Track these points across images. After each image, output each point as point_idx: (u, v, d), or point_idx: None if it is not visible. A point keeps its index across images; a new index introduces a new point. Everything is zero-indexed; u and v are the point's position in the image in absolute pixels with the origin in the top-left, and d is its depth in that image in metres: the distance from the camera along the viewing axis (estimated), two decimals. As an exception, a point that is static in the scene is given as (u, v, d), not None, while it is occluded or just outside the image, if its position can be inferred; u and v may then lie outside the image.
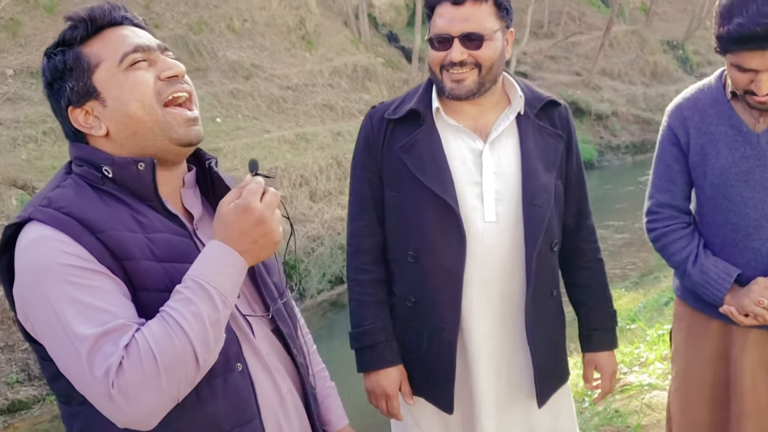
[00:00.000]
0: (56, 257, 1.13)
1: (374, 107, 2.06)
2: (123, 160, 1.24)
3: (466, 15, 1.80)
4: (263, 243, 1.23)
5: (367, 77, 15.58)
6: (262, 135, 11.72)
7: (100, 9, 1.26)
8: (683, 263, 2.03)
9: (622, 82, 20.91)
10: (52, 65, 1.26)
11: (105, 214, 1.19)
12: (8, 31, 11.30)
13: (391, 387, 1.99)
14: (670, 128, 2.07)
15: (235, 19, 14.60)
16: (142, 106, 1.24)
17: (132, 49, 1.25)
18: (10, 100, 10.02)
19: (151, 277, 1.19)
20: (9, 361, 6.66)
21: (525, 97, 1.95)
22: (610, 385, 2.14)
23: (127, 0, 13.06)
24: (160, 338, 1.11)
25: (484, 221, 1.89)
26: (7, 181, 7.37)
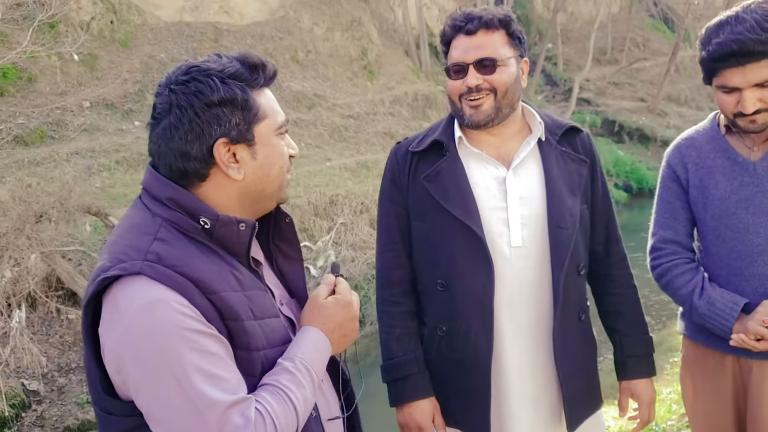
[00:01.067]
0: (179, 321, 1.13)
1: (399, 143, 2.12)
2: (227, 219, 1.25)
3: (479, 43, 1.88)
4: (350, 337, 1.38)
5: (427, 105, 15.69)
6: (324, 163, 11.91)
7: (273, 68, 1.35)
8: (689, 297, 2.02)
9: (689, 108, 20.43)
10: (228, 91, 1.24)
11: (213, 273, 1.20)
12: (86, 65, 11.88)
13: (424, 420, 1.98)
14: (670, 166, 2.11)
15: (299, 50, 14.97)
16: (279, 173, 1.34)
17: (285, 121, 1.36)
18: (87, 130, 10.49)
19: (253, 336, 1.23)
20: (80, 382, 6.89)
21: (545, 124, 1.99)
22: (649, 413, 2.08)
23: (197, 35, 13.56)
24: (281, 416, 1.20)
25: (510, 246, 1.91)
26: (82, 208, 7.69)
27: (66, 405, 6.62)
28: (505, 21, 1.91)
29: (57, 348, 7.08)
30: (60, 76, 11.19)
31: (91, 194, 8.53)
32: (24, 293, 6.97)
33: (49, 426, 6.38)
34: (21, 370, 6.64)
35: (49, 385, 6.75)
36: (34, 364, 6.66)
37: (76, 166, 9.48)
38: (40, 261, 7.07)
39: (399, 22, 18.48)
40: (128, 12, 13.26)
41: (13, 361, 6.59)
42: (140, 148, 10.28)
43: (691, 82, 21.60)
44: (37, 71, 10.99)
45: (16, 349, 6.66)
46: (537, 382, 1.95)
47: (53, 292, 7.25)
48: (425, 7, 18.75)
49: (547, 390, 1.97)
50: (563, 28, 21.87)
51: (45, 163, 9.33)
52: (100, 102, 11.26)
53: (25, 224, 7.08)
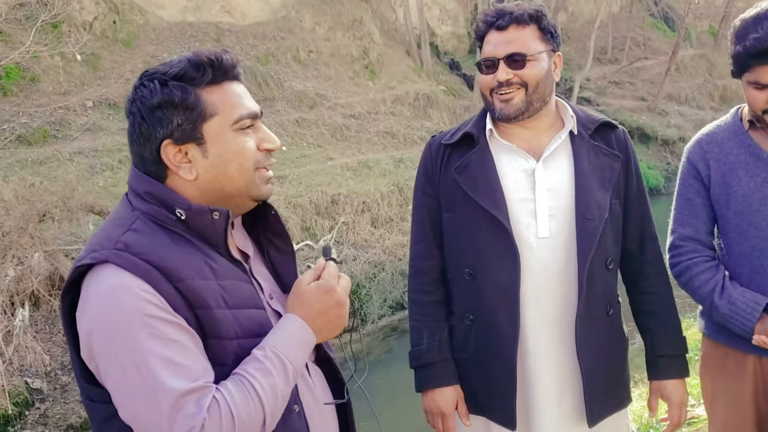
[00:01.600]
0: (140, 307, 1.14)
1: (434, 136, 2.15)
2: (199, 208, 1.26)
3: (510, 38, 1.90)
4: (336, 324, 1.31)
5: (428, 105, 15.70)
6: (326, 162, 11.92)
7: (229, 61, 1.30)
8: (709, 296, 1.99)
9: (689, 107, 20.42)
10: (166, 93, 1.25)
11: (182, 261, 1.21)
12: (89, 65, 11.90)
13: (447, 406, 2.02)
14: (691, 163, 2.07)
15: (301, 50, 14.98)
16: (241, 170, 1.29)
17: (247, 114, 1.30)
18: (90, 130, 10.51)
19: (224, 325, 1.22)
20: (84, 380, 6.92)
21: (579, 118, 2.00)
22: (680, 416, 2.05)
23: (199, 35, 13.57)
24: (240, 405, 1.16)
25: (537, 237, 1.92)
26: (84, 207, 7.71)
27: (69, 403, 6.65)
28: (537, 16, 1.93)
29: (60, 346, 7.10)
30: (63, 75, 11.22)
31: (94, 193, 8.56)
32: (27, 292, 6.99)
33: (53, 424, 6.40)
34: (24, 369, 6.66)
35: (52, 383, 6.77)
36: (37, 362, 6.69)
37: (79, 165, 9.50)
38: (44, 260, 7.09)
39: (400, 22, 18.49)
40: (131, 12, 13.29)
41: (17, 359, 6.61)
42: (142, 148, 10.29)
43: (691, 81, 21.60)
44: (40, 71, 11.01)
45: (19, 348, 6.69)
46: (562, 374, 1.96)
47: (56, 290, 7.27)
48: (426, 7, 18.76)
49: (572, 383, 1.97)
50: (564, 27, 21.86)
51: (48, 163, 9.35)
52: (103, 102, 11.28)
53: (28, 223, 7.10)
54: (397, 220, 11.07)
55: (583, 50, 20.56)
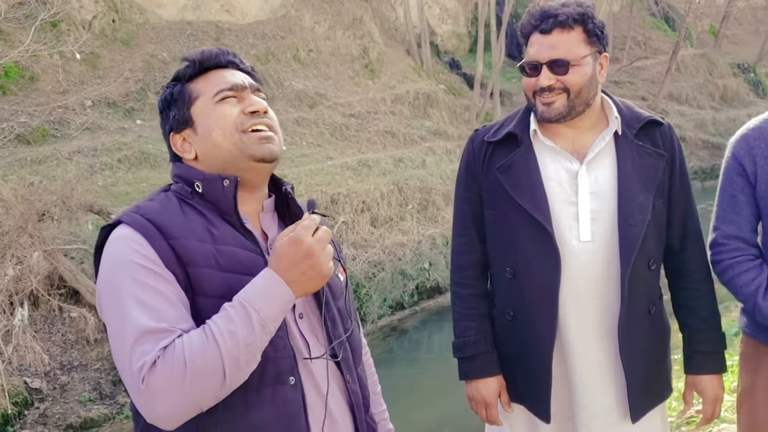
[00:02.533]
0: (129, 254, 1.27)
1: (477, 130, 2.15)
2: (211, 176, 1.39)
3: (554, 43, 1.88)
4: (311, 275, 1.29)
5: (428, 104, 15.69)
6: (326, 162, 11.91)
7: (209, 52, 1.45)
8: (753, 296, 1.95)
9: (690, 107, 20.41)
10: (163, 96, 1.46)
11: (181, 223, 1.33)
12: (88, 63, 11.89)
13: (490, 395, 2.07)
14: (735, 158, 2.02)
15: (301, 49, 14.97)
16: (223, 134, 1.39)
17: (227, 87, 1.42)
18: (89, 129, 10.51)
19: (210, 284, 1.29)
20: (82, 380, 6.91)
21: (623, 117, 1.99)
22: (713, 411, 2.06)
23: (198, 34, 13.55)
24: (195, 347, 1.20)
25: (579, 240, 1.93)
26: (84, 207, 7.70)
27: (68, 403, 6.64)
28: (582, 18, 1.89)
29: (59, 346, 7.09)
30: (62, 74, 11.20)
31: (94, 192, 8.54)
32: (26, 291, 6.98)
33: (52, 424, 6.40)
34: (23, 368, 6.66)
35: (52, 383, 6.77)
36: (36, 362, 6.68)
37: (79, 164, 9.50)
38: (43, 259, 7.09)
39: (400, 21, 18.47)
40: (130, 11, 13.27)
41: (16, 359, 6.61)
42: (142, 147, 10.30)
43: (692, 80, 21.59)
44: (39, 70, 10.99)
45: (18, 347, 6.68)
46: (601, 372, 1.98)
47: (55, 290, 7.27)
48: (426, 6, 18.74)
49: (611, 380, 1.98)
50: (564, 26, 21.81)
51: (47, 162, 9.34)
52: (102, 101, 11.27)
53: (27, 222, 7.09)
54: (397, 220, 11.07)
55: (584, 49, 20.54)
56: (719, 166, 2.15)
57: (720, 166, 2.13)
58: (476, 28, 18.30)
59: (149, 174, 9.82)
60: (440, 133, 14.93)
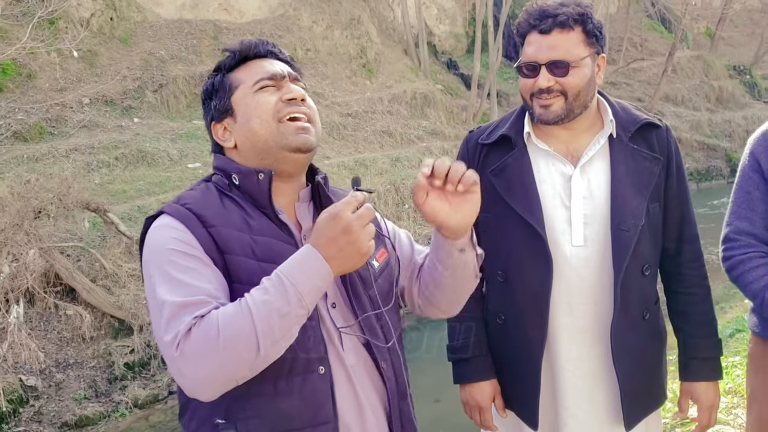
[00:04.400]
0: (167, 242, 1.31)
1: (471, 131, 2.11)
2: (247, 170, 1.41)
3: (553, 43, 1.84)
4: (349, 252, 1.26)
5: (426, 104, 15.70)
6: (323, 161, 11.91)
7: (248, 43, 1.48)
8: (761, 292, 1.93)
9: (686, 108, 20.46)
10: (206, 87, 1.49)
11: (219, 213, 1.37)
12: (85, 61, 11.87)
13: (484, 400, 2.05)
14: (753, 155, 2.01)
15: (299, 48, 14.97)
16: (260, 122, 1.41)
17: (267, 76, 1.44)
18: (86, 127, 10.50)
19: (246, 272, 1.31)
20: (78, 378, 6.91)
21: (619, 119, 1.95)
22: (709, 419, 2.01)
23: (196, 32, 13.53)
24: (229, 316, 1.21)
25: (572, 245, 1.90)
26: (80, 204, 7.69)
27: (64, 401, 6.64)
28: (582, 19, 1.85)
29: (55, 344, 7.09)
30: (59, 72, 11.19)
31: (90, 190, 8.53)
32: (22, 289, 6.97)
33: (47, 421, 6.39)
34: (19, 366, 6.65)
35: (47, 380, 6.76)
36: (31, 359, 6.68)
37: (75, 162, 9.49)
38: (39, 257, 7.08)
39: (398, 21, 18.48)
40: (128, 9, 13.26)
41: (11, 356, 6.60)
42: (139, 145, 10.29)
43: (688, 82, 21.63)
44: (36, 67, 10.98)
45: (14, 345, 6.67)
46: (593, 379, 1.95)
47: (51, 287, 7.26)
48: (424, 6, 18.75)
49: (603, 387, 1.95)
50: (562, 27, 21.85)
51: (44, 159, 9.33)
52: (100, 98, 11.26)
53: (23, 220, 7.08)
54: (394, 219, 11.08)
55: (581, 51, 20.58)
56: (715, 167, 2.16)
57: (716, 167, 2.14)
58: (474, 28, 18.33)
59: (146, 172, 9.81)
60: (437, 133, 14.95)
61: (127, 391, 6.91)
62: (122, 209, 8.50)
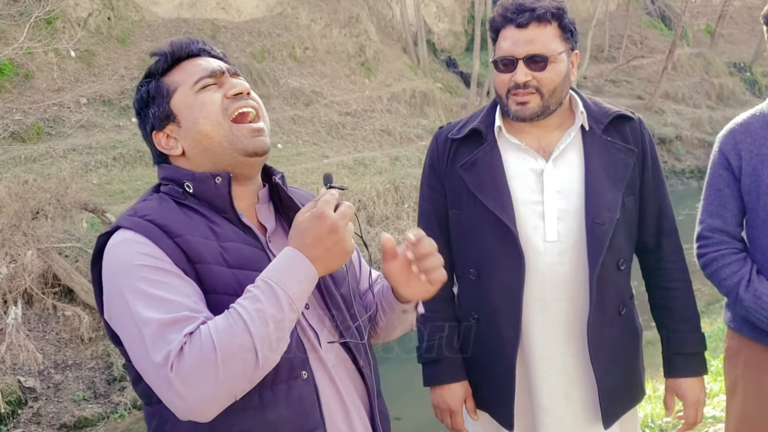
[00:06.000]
0: (134, 257, 1.22)
1: (441, 128, 2.08)
2: (202, 175, 1.33)
3: (530, 37, 1.82)
4: (335, 251, 1.24)
5: (425, 102, 15.68)
6: (322, 160, 11.90)
7: (178, 43, 1.39)
8: (735, 288, 1.96)
9: (686, 106, 20.45)
10: (139, 96, 1.39)
11: (183, 222, 1.28)
12: (83, 61, 11.85)
13: (455, 402, 2.00)
14: (722, 153, 2.03)
15: (297, 47, 14.95)
16: (210, 123, 1.33)
17: (206, 74, 1.35)
18: (84, 127, 10.48)
19: (221, 280, 1.25)
20: (76, 379, 6.89)
21: (590, 112, 1.93)
22: (695, 415, 1.99)
23: (194, 31, 13.54)
24: (222, 330, 1.14)
25: (545, 241, 1.87)
26: (78, 205, 7.68)
27: (62, 402, 6.62)
28: (558, 13, 1.84)
29: (53, 345, 7.07)
30: (57, 72, 11.17)
31: (88, 191, 8.52)
32: (20, 290, 6.96)
33: (46, 423, 6.38)
34: (17, 367, 6.63)
35: (46, 381, 6.74)
36: (30, 360, 6.66)
37: (73, 162, 9.47)
38: (37, 257, 7.06)
39: (397, 19, 18.46)
40: (125, 8, 13.23)
41: (9, 357, 6.58)
42: (137, 145, 10.27)
43: (688, 79, 21.62)
44: (33, 67, 10.96)
45: (12, 346, 6.65)
46: (568, 377, 1.92)
47: (49, 288, 7.24)
48: (423, 4, 18.73)
49: (580, 384, 1.93)
50: (561, 25, 21.85)
51: (42, 160, 9.31)
52: (97, 98, 11.24)
53: (21, 221, 7.07)
54: (393, 219, 11.06)
55: (580, 48, 20.38)
56: (715, 165, 2.15)
57: (716, 165, 2.13)
58: (473, 26, 18.31)
59: (144, 172, 9.79)
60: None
61: (126, 392, 6.89)
62: (120, 209, 8.47)
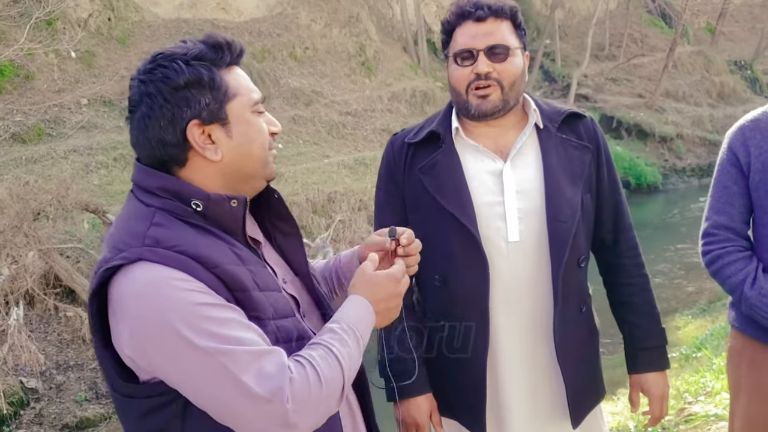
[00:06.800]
0: (186, 297, 1.13)
1: (395, 134, 2.07)
2: (218, 197, 1.25)
3: (489, 30, 1.83)
4: (392, 313, 1.38)
5: (425, 101, 15.68)
6: (322, 160, 11.91)
7: (239, 46, 1.31)
8: (740, 286, 1.94)
9: (687, 104, 20.43)
10: (193, 72, 1.23)
11: (213, 248, 1.20)
12: (83, 62, 11.86)
13: (422, 416, 1.95)
14: (731, 149, 2.01)
15: (297, 47, 14.95)
16: (261, 149, 1.32)
17: (261, 99, 1.34)
18: (84, 128, 10.49)
19: (262, 306, 1.22)
20: (78, 380, 6.90)
21: (543, 111, 1.94)
22: (661, 409, 2.00)
23: (194, 32, 13.58)
24: (325, 367, 1.19)
25: (507, 241, 1.86)
26: (79, 206, 7.69)
27: (64, 402, 6.63)
28: (513, 12, 1.88)
29: (55, 346, 7.08)
30: (57, 73, 11.18)
31: (89, 191, 8.53)
32: (22, 291, 6.96)
33: (48, 423, 6.38)
34: (19, 368, 6.64)
35: (48, 382, 6.75)
36: (32, 361, 6.67)
37: (74, 163, 9.49)
38: (38, 258, 7.07)
39: (397, 18, 18.45)
40: (126, 9, 13.24)
41: (11, 358, 6.59)
42: (138, 146, 10.28)
43: (689, 77, 21.60)
44: (34, 68, 10.97)
45: (14, 347, 6.66)
46: (535, 376, 1.92)
47: (51, 289, 7.25)
48: (423, 3, 18.73)
49: (547, 384, 1.92)
50: (561, 24, 21.85)
51: (43, 161, 9.32)
52: (98, 99, 11.24)
53: (22, 222, 7.07)
54: (394, 218, 11.05)
55: (581, 47, 20.56)
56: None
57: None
58: (473, 25, 18.29)
59: (145, 173, 9.79)
60: (437, 131, 14.94)
61: (127, 393, 6.90)
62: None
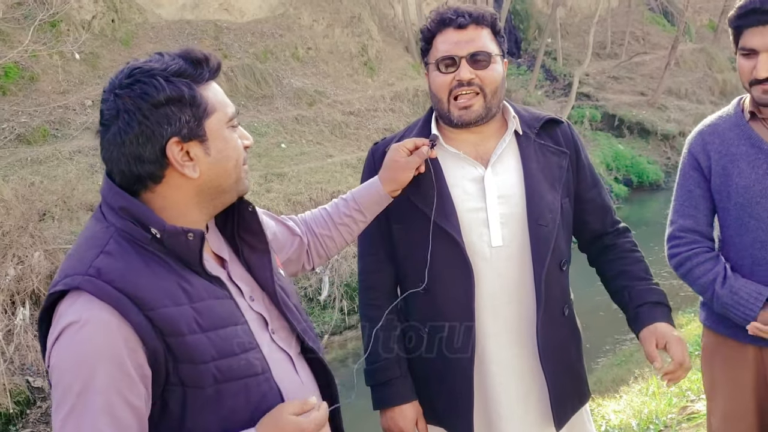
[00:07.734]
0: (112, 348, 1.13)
1: (376, 143, 2.09)
2: (173, 229, 1.23)
3: (471, 37, 1.85)
4: None
5: (427, 101, 15.64)
6: (325, 159, 11.93)
7: (216, 60, 1.31)
8: (711, 285, 1.98)
9: (689, 102, 20.39)
10: (174, 90, 1.22)
11: (155, 287, 1.19)
12: (88, 63, 11.89)
13: (407, 425, 1.96)
14: (691, 154, 2.07)
15: (300, 47, 14.97)
16: (236, 165, 1.32)
17: (235, 115, 1.33)
18: (89, 129, 10.51)
19: (198, 350, 1.20)
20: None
21: (522, 117, 1.96)
22: (683, 353, 1.82)
23: (197, 33, 13.54)
24: None
25: (490, 246, 1.88)
26: (85, 206, 7.72)
27: (71, 402, 6.66)
28: (493, 19, 1.90)
29: (61, 345, 7.11)
30: (62, 74, 11.21)
31: (94, 192, 8.55)
32: (28, 291, 7.00)
33: (55, 423, 6.42)
34: (25, 368, 6.68)
35: (54, 382, 6.79)
36: (38, 361, 6.70)
37: (79, 164, 9.51)
38: (44, 259, 7.11)
39: (399, 18, 18.46)
40: (129, 10, 13.27)
41: (18, 358, 6.63)
42: (142, 146, 10.30)
43: (691, 75, 21.57)
44: (38, 70, 11.00)
45: (20, 347, 6.70)
46: (524, 382, 1.93)
47: (57, 289, 7.27)
48: (425, 3, 18.73)
49: (535, 389, 1.93)
50: (562, 22, 21.83)
51: (48, 162, 9.35)
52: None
53: (28, 222, 7.11)
54: (398, 217, 11.06)
55: (582, 45, 20.54)
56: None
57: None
58: (475, 24, 18.28)
59: (149, 173, 9.81)
60: (440, 130, 14.93)
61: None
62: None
